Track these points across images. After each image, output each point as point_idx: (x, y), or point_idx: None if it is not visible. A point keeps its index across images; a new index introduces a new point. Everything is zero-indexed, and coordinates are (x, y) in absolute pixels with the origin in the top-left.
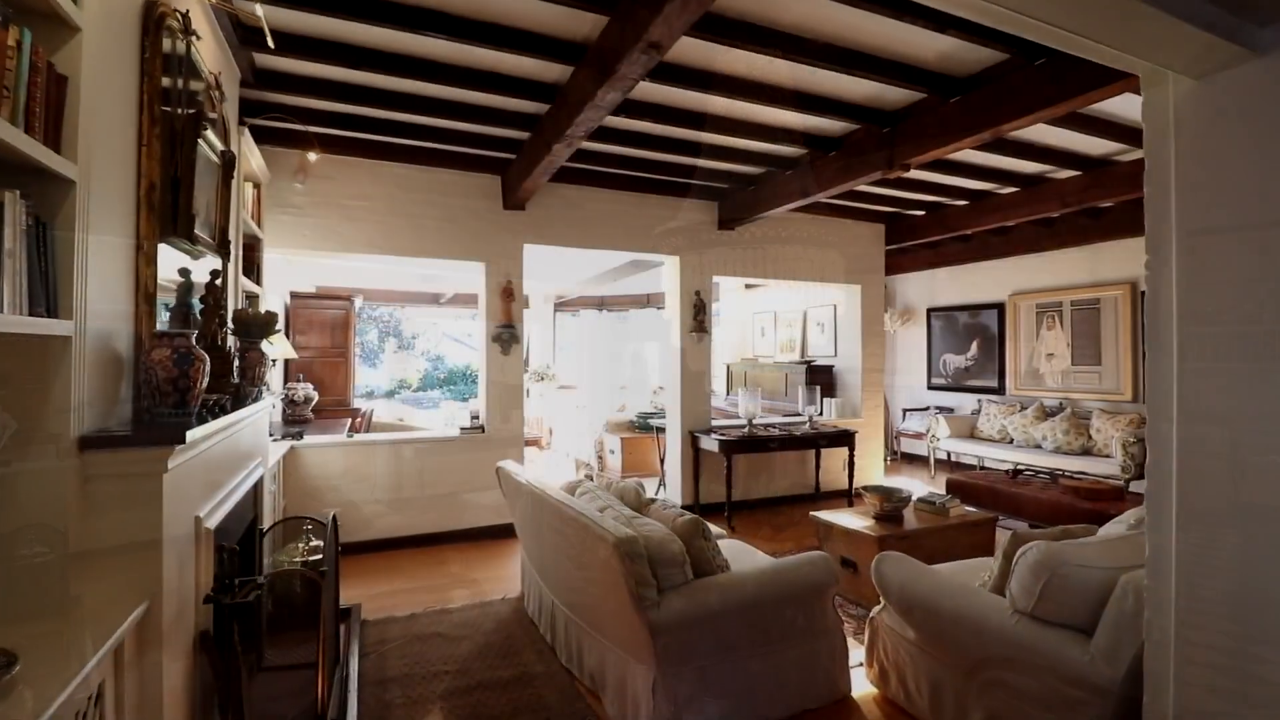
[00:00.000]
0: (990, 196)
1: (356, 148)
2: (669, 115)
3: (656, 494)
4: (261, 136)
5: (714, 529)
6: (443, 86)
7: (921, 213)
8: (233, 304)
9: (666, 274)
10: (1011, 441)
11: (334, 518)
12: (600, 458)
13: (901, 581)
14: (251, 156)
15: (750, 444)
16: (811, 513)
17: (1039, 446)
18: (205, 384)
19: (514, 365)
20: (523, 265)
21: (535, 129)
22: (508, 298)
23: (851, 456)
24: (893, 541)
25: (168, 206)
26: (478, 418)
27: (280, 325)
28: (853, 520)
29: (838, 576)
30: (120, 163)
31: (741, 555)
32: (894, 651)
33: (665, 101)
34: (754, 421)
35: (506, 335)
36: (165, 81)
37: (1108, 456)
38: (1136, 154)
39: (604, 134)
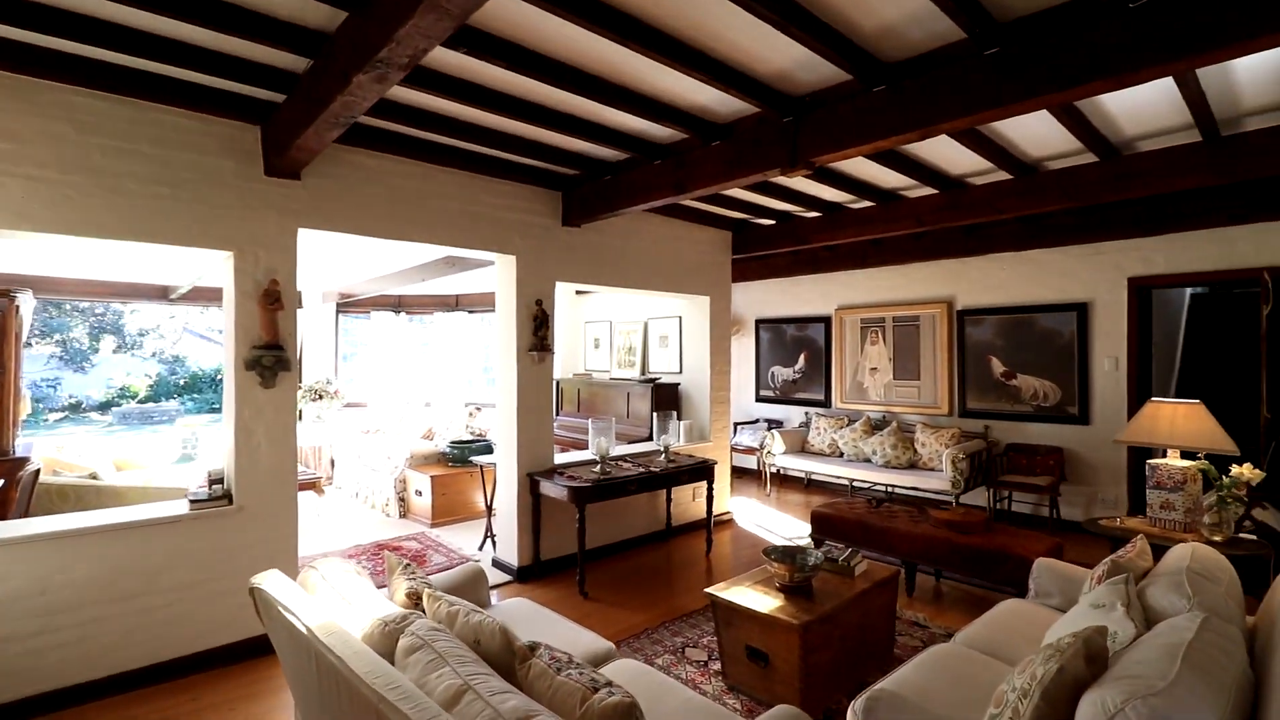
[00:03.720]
0: (843, 209)
1: None
2: (522, 59)
3: (481, 548)
4: None
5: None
6: None
7: (772, 222)
8: None
9: (499, 277)
10: (842, 455)
11: None
12: (403, 500)
13: None
14: None
15: (607, 489)
16: (707, 590)
17: (869, 460)
18: None
19: (283, 404)
20: (297, 258)
21: (324, 52)
22: (272, 304)
23: (711, 489)
24: (816, 628)
25: None
26: (220, 482)
27: None
28: (759, 599)
29: None
30: None
31: (656, 696)
32: None
33: (520, 36)
34: (607, 458)
35: (270, 360)
36: None
37: (933, 469)
38: (994, 176)
39: (423, 78)
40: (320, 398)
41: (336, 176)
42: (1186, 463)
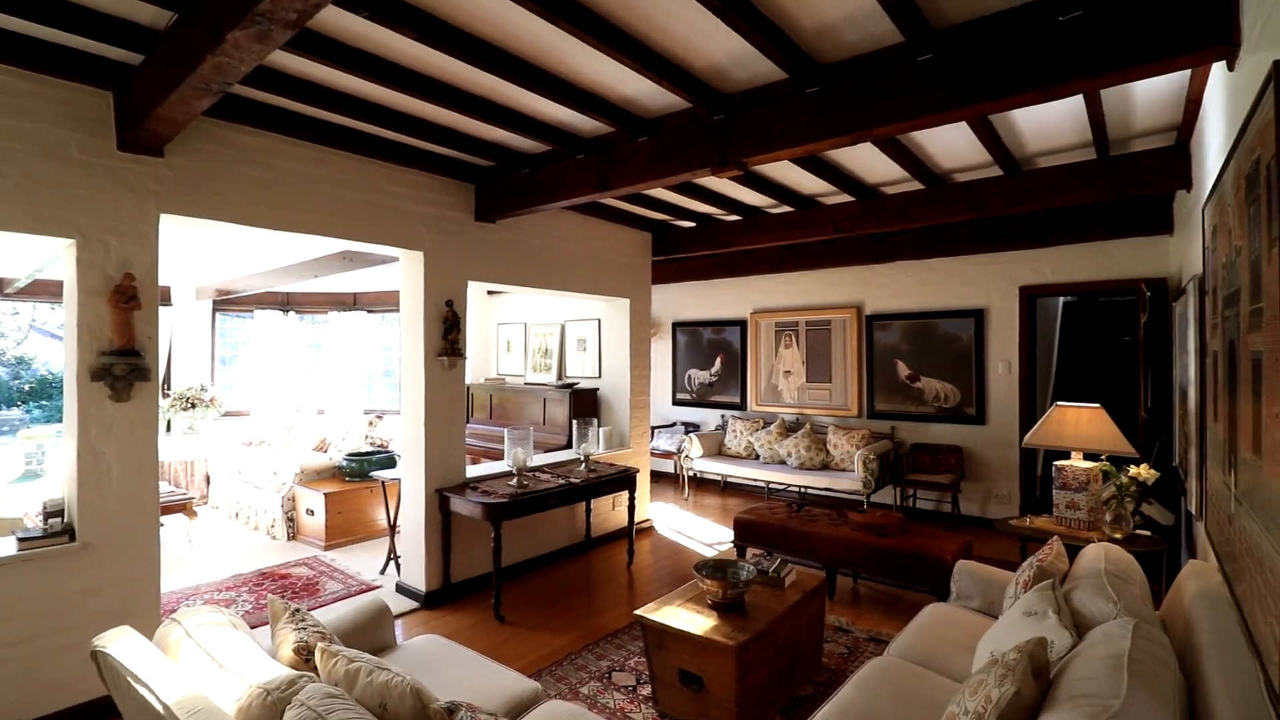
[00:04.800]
0: (762, 214)
1: None
2: (433, 30)
3: (384, 571)
4: None
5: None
6: None
7: (692, 224)
8: None
9: (404, 275)
10: (758, 458)
11: None
12: (292, 520)
13: None
14: None
15: (525, 504)
16: (637, 612)
17: (784, 462)
18: None
19: (140, 420)
20: (158, 249)
21: (192, 2)
22: (126, 303)
23: (632, 499)
24: (752, 648)
25: None
26: (60, 515)
27: None
28: (691, 619)
29: None
30: None
31: None
32: None
33: (431, 2)
34: (524, 470)
35: (124, 369)
36: None
37: (845, 470)
38: (907, 186)
39: (317, 45)
40: (193, 406)
41: (209, 155)
42: (1090, 464)
